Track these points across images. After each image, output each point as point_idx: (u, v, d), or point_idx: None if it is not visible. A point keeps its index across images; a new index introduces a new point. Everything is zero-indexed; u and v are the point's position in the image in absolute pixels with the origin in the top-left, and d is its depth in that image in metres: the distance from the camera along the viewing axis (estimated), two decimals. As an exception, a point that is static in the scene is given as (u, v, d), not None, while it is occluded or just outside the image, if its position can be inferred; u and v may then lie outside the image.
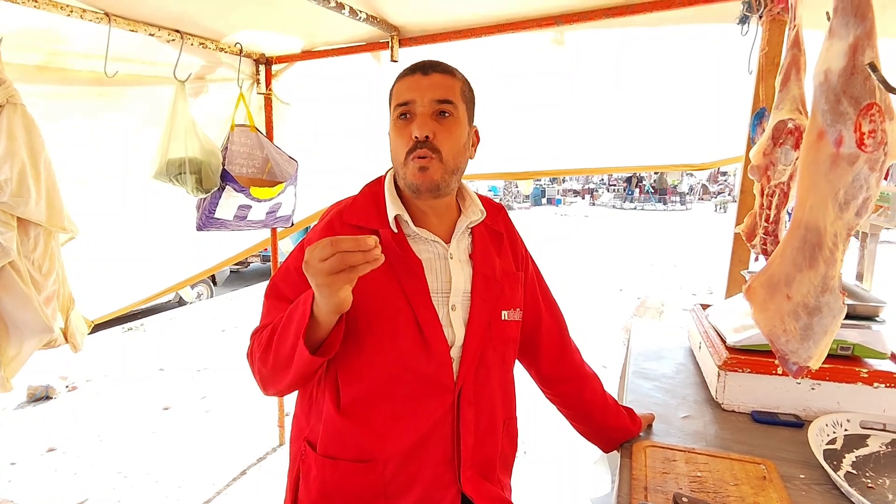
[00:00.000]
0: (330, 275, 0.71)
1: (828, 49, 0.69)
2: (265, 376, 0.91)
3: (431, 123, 0.89)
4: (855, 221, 0.71)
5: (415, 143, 0.89)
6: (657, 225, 15.14)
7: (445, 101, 0.90)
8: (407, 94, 0.91)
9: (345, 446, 0.93)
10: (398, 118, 0.92)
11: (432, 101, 0.90)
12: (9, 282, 1.53)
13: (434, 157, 0.89)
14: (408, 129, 0.90)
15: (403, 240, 0.94)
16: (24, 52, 1.68)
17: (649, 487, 0.94)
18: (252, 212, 2.30)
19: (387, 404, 0.92)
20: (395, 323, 0.90)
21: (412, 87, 0.91)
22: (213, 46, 2.10)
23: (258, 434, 3.14)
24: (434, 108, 0.90)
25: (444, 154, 0.90)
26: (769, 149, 1.10)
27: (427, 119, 0.89)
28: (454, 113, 0.91)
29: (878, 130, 0.67)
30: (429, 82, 0.90)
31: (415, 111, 0.90)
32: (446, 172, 0.91)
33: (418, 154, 0.89)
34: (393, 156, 0.95)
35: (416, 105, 0.90)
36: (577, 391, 1.16)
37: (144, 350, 4.81)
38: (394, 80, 0.96)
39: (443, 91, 0.90)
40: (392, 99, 0.95)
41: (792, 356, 0.80)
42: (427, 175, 0.89)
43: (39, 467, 2.83)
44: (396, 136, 0.92)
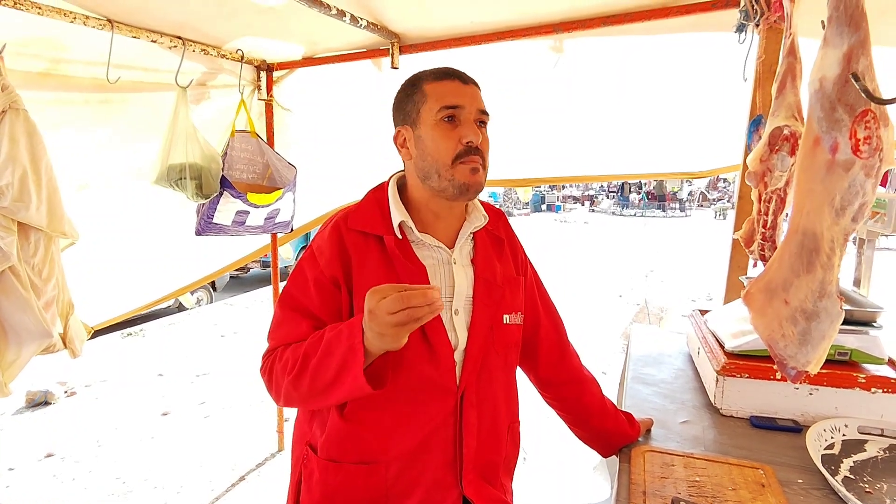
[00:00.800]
0: (397, 326, 0.74)
1: (822, 57, 0.70)
2: (292, 397, 0.90)
3: (478, 131, 0.93)
4: (851, 227, 0.72)
5: (466, 148, 0.92)
6: (657, 231, 15.16)
7: (485, 112, 0.96)
8: (454, 99, 0.93)
9: (347, 449, 0.93)
10: (443, 120, 0.93)
11: (477, 111, 0.94)
12: (8, 286, 1.53)
13: (481, 164, 0.94)
14: (455, 133, 0.92)
15: (408, 246, 0.95)
16: (28, 59, 1.70)
17: (648, 492, 0.94)
18: (250, 217, 2.30)
19: (390, 407, 0.93)
20: None
21: (458, 93, 0.93)
22: (214, 53, 2.12)
23: (257, 440, 3.14)
24: (477, 117, 0.94)
25: (485, 161, 0.96)
26: (766, 155, 1.11)
27: (475, 127, 0.93)
28: (487, 122, 0.98)
29: (874, 137, 0.68)
30: (471, 92, 0.95)
31: (460, 117, 0.93)
32: (485, 177, 0.96)
33: (472, 159, 0.92)
34: (435, 156, 0.93)
35: (463, 111, 0.93)
36: (576, 395, 1.16)
37: (144, 355, 4.80)
38: (421, 78, 0.97)
39: (482, 102, 0.96)
40: (428, 99, 0.94)
41: (790, 361, 0.80)
42: (478, 177, 0.93)
43: (38, 473, 2.82)
44: (443, 138, 0.92)
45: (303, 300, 0.95)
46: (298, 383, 0.87)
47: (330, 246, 0.94)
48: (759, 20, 1.53)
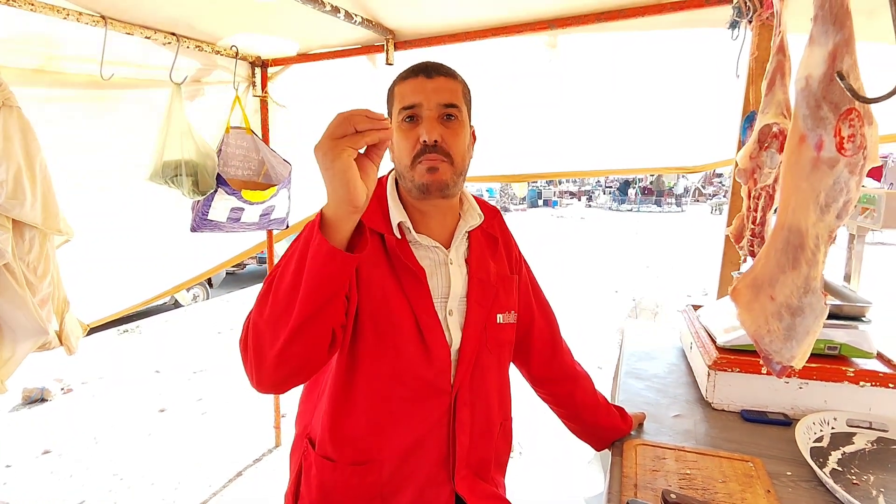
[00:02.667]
0: (334, 139, 0.68)
1: (808, 56, 0.71)
2: (261, 330, 0.74)
3: (439, 127, 0.89)
4: (836, 224, 0.73)
5: (423, 147, 0.89)
6: (653, 226, 15.19)
7: (451, 104, 0.90)
8: (412, 97, 0.90)
9: (342, 449, 0.94)
10: (403, 121, 0.91)
11: (438, 105, 0.89)
12: (3, 284, 1.53)
13: (445, 161, 0.90)
14: (414, 133, 0.89)
15: (406, 247, 0.94)
16: (21, 56, 1.69)
17: (639, 485, 0.95)
18: (245, 214, 2.30)
19: (385, 407, 0.93)
20: (397, 328, 0.91)
21: (417, 90, 0.90)
22: (209, 49, 2.11)
23: (254, 435, 3.14)
24: (440, 111, 0.90)
25: (453, 157, 0.91)
26: (755, 152, 1.12)
27: (434, 123, 0.89)
28: (459, 116, 0.92)
29: (858, 135, 0.69)
30: (434, 86, 0.90)
31: (421, 114, 0.90)
32: (455, 174, 0.92)
33: (427, 158, 0.89)
34: (396, 159, 0.94)
35: (422, 108, 0.89)
36: (568, 391, 1.17)
37: (140, 352, 4.80)
38: (393, 81, 0.95)
39: (448, 95, 0.90)
40: (394, 101, 0.94)
41: (776, 356, 0.82)
42: (437, 175, 0.89)
43: (35, 470, 2.82)
44: (402, 139, 0.91)
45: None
46: (264, 302, 0.74)
47: None
48: (751, 17, 1.54)
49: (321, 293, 0.71)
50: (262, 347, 0.74)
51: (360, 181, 0.69)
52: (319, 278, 0.70)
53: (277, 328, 0.72)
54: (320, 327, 0.74)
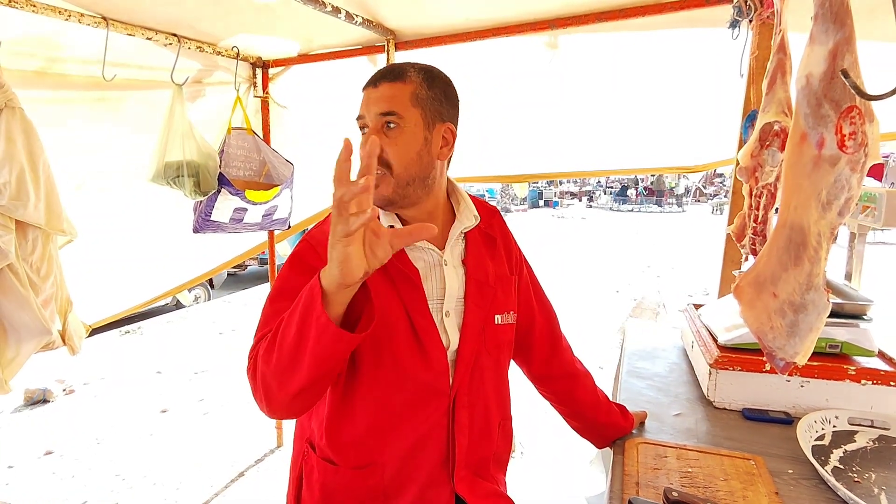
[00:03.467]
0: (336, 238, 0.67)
1: (809, 54, 0.71)
2: (268, 380, 0.79)
3: (367, 138, 0.86)
4: (838, 221, 0.73)
5: None
6: (654, 226, 15.19)
7: (388, 112, 0.88)
8: (361, 110, 0.91)
9: (343, 453, 0.94)
10: (362, 132, 0.92)
11: (377, 116, 0.88)
12: (7, 284, 1.54)
13: (386, 174, 0.88)
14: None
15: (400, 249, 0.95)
16: (23, 58, 1.70)
17: (641, 483, 0.95)
18: (248, 214, 2.31)
19: (385, 411, 0.93)
20: (392, 332, 0.91)
21: (364, 102, 0.91)
22: (210, 50, 2.12)
23: (256, 436, 3.15)
24: (380, 122, 0.88)
25: (393, 168, 0.88)
26: (756, 151, 1.12)
27: (371, 136, 0.86)
28: (400, 123, 0.89)
29: (859, 132, 0.69)
30: (376, 95, 0.89)
31: (367, 126, 0.90)
32: (399, 185, 0.89)
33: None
34: None
35: (366, 121, 0.90)
36: (568, 389, 1.17)
37: (142, 353, 4.81)
38: None
39: (386, 103, 0.88)
40: None
41: (779, 352, 0.82)
42: (377, 192, 0.88)
43: (37, 470, 2.83)
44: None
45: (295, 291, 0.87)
46: (269, 357, 0.77)
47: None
48: (752, 16, 1.54)
49: (326, 366, 0.74)
50: (271, 392, 0.79)
51: (355, 263, 0.68)
52: (325, 356, 0.72)
53: (283, 382, 0.76)
54: (325, 383, 0.80)
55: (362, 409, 0.92)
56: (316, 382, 0.76)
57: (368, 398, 0.92)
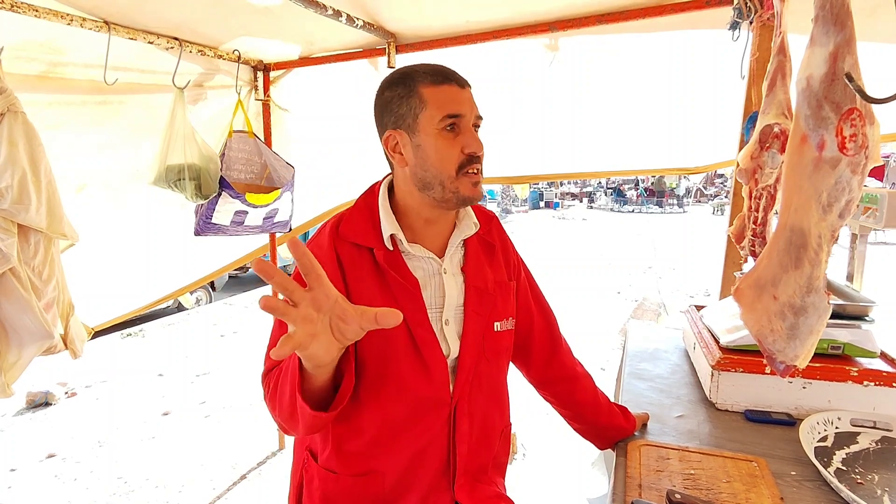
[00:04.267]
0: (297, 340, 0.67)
1: (809, 56, 0.71)
2: (278, 420, 0.86)
3: (479, 139, 0.92)
4: (838, 223, 0.73)
5: (468, 158, 0.90)
6: (655, 227, 15.18)
7: (481, 116, 0.94)
8: (457, 107, 0.89)
9: (345, 462, 0.94)
10: (446, 129, 0.89)
11: (475, 117, 0.92)
12: (9, 288, 1.54)
13: (481, 172, 0.93)
14: (457, 142, 0.89)
15: (399, 258, 0.93)
16: (25, 62, 1.70)
17: (643, 485, 0.95)
18: (249, 217, 2.31)
19: (387, 422, 0.92)
20: (393, 345, 0.90)
21: (458, 100, 0.90)
22: (211, 54, 2.12)
23: (258, 438, 3.15)
24: (475, 122, 0.92)
25: (483, 170, 0.94)
26: (756, 152, 1.12)
27: (475, 135, 0.92)
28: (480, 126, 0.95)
29: (859, 134, 0.69)
30: (468, 97, 0.92)
31: (460, 125, 0.90)
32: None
33: (475, 168, 0.91)
34: (437, 166, 0.90)
35: (464, 119, 0.90)
36: (569, 391, 1.17)
37: (144, 356, 4.81)
38: (416, 81, 0.90)
39: (477, 106, 0.93)
40: (431, 106, 0.89)
41: (779, 355, 0.82)
42: (479, 189, 0.93)
43: (39, 473, 2.83)
44: (446, 148, 0.89)
45: None
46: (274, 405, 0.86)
47: (326, 258, 0.91)
48: (752, 18, 1.54)
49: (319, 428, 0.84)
50: (284, 426, 0.86)
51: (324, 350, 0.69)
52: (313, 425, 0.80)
53: (291, 428, 0.84)
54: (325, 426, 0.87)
55: (364, 420, 0.92)
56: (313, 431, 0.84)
57: (370, 410, 0.92)
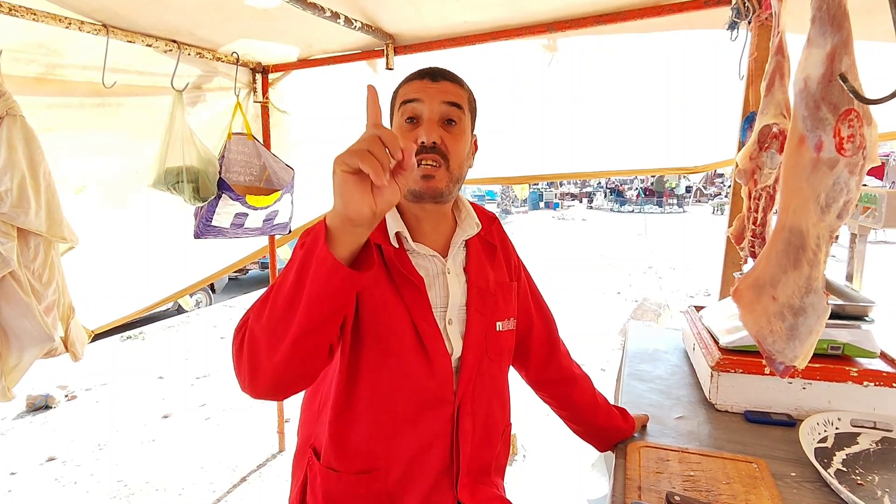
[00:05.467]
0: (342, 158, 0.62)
1: (807, 57, 0.71)
2: (257, 340, 0.72)
3: (438, 129, 0.88)
4: (837, 224, 0.73)
5: (420, 147, 0.87)
6: (655, 227, 15.18)
7: (454, 104, 0.89)
8: (412, 93, 0.89)
9: (348, 458, 0.94)
10: (404, 121, 0.89)
11: (441, 104, 0.88)
12: (9, 291, 1.54)
13: (441, 165, 0.88)
14: (413, 134, 0.88)
15: (405, 256, 0.93)
16: (24, 65, 1.70)
17: (643, 487, 0.95)
18: (249, 219, 2.31)
19: (389, 417, 0.93)
20: (398, 338, 0.91)
21: (420, 90, 0.89)
22: (210, 56, 2.13)
23: (258, 441, 3.15)
24: (442, 112, 0.88)
25: (451, 162, 0.88)
26: (755, 153, 1.12)
27: (434, 125, 0.88)
28: (460, 121, 0.90)
29: (857, 135, 0.69)
30: (437, 88, 0.89)
31: (422, 115, 0.88)
32: (451, 181, 0.90)
33: (424, 159, 0.86)
34: None
35: (423, 108, 0.88)
36: (566, 393, 1.17)
37: (144, 358, 4.81)
38: (398, 85, 0.94)
39: (452, 96, 0.89)
40: (396, 101, 0.92)
41: (779, 356, 0.82)
42: (432, 184, 0.88)
43: (40, 477, 2.83)
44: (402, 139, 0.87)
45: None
46: (262, 312, 0.72)
47: None
48: (750, 18, 1.54)
49: (322, 309, 0.68)
50: (258, 355, 0.72)
51: (359, 197, 0.63)
52: (322, 293, 0.66)
53: (274, 339, 0.70)
54: (318, 342, 0.72)
55: (366, 413, 0.92)
56: (308, 334, 0.68)
57: (372, 403, 0.92)
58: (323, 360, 0.76)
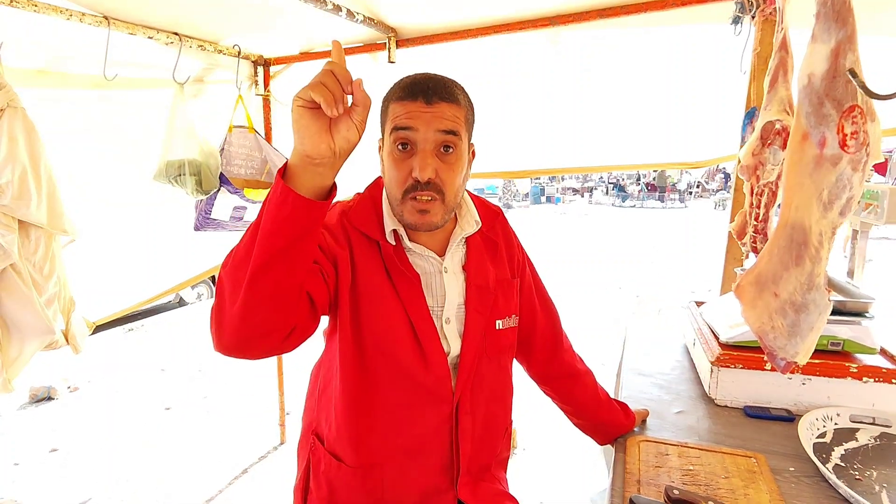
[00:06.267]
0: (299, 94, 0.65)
1: (811, 53, 0.71)
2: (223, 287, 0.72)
3: (434, 161, 0.83)
4: (839, 220, 0.73)
5: (414, 183, 0.83)
6: (656, 222, 15.17)
7: (450, 132, 0.83)
8: (406, 120, 0.83)
9: (347, 449, 0.94)
10: (396, 146, 0.84)
11: (436, 133, 0.82)
12: (10, 284, 1.55)
13: (437, 199, 0.85)
14: (407, 165, 0.83)
15: (402, 253, 0.93)
16: (24, 57, 1.70)
17: (642, 481, 0.96)
18: (248, 213, 2.31)
19: (385, 411, 0.93)
20: (394, 334, 0.91)
21: (414, 115, 0.82)
22: (211, 49, 2.12)
23: (259, 433, 3.16)
24: (437, 141, 0.83)
25: (446, 195, 0.85)
26: (758, 149, 1.12)
27: (429, 157, 0.83)
28: (457, 147, 0.85)
29: (861, 132, 0.69)
30: (432, 113, 0.82)
31: (415, 143, 0.83)
32: (447, 212, 0.87)
33: (420, 195, 0.84)
34: (388, 186, 0.89)
35: (417, 136, 0.83)
36: (569, 387, 1.18)
37: (145, 351, 4.82)
38: (389, 93, 0.88)
39: (448, 122, 0.83)
40: (388, 119, 0.86)
41: (780, 352, 0.82)
42: (427, 218, 0.85)
43: (43, 468, 2.84)
44: (393, 168, 0.85)
45: None
46: (229, 258, 0.73)
47: (338, 235, 0.90)
48: (754, 13, 1.53)
49: (277, 240, 0.67)
50: (223, 303, 0.72)
51: (315, 133, 0.65)
52: (275, 222, 0.67)
53: (237, 278, 0.69)
54: (278, 279, 0.70)
55: (364, 406, 0.93)
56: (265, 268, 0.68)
57: (372, 396, 0.93)
58: (289, 308, 0.74)
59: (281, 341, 0.76)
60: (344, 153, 0.68)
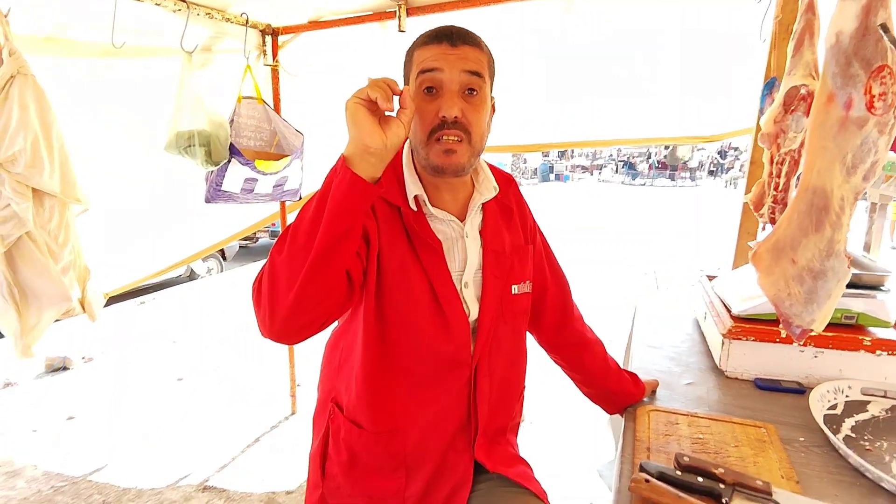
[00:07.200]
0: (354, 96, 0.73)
1: (840, 10, 0.68)
2: (277, 273, 0.74)
3: (460, 101, 0.84)
4: (862, 185, 0.71)
5: (441, 122, 0.84)
6: (667, 200, 15.01)
7: (476, 73, 0.85)
8: (431, 62, 0.84)
9: (368, 416, 0.95)
10: (423, 90, 0.85)
11: (462, 73, 0.84)
12: (27, 252, 1.56)
13: (463, 140, 0.85)
14: (434, 105, 0.84)
15: (423, 219, 0.93)
16: (32, 23, 1.68)
17: (652, 448, 0.96)
18: (259, 185, 2.31)
19: (408, 378, 0.94)
20: (416, 301, 0.91)
21: (439, 57, 0.84)
22: (219, 17, 2.09)
23: (271, 404, 3.22)
24: (463, 82, 0.84)
25: (472, 136, 0.86)
26: (780, 116, 1.09)
27: (456, 97, 0.84)
28: (481, 89, 0.86)
29: (889, 93, 0.67)
30: (457, 54, 0.84)
31: (442, 86, 0.84)
32: (472, 154, 0.88)
33: (446, 134, 0.84)
34: (415, 130, 0.89)
35: (443, 78, 0.84)
36: (578, 356, 1.18)
37: (158, 323, 4.90)
38: (413, 44, 0.90)
39: (473, 63, 0.85)
40: (412, 65, 0.88)
41: (796, 319, 0.81)
42: (454, 159, 0.86)
43: (60, 434, 2.92)
44: (421, 110, 0.86)
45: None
46: (282, 245, 0.75)
47: None
48: (777, -23, 1.48)
49: (342, 221, 0.72)
50: (277, 288, 0.74)
51: (370, 126, 0.72)
52: (343, 204, 0.72)
53: (295, 264, 0.73)
54: (336, 264, 0.74)
55: (386, 375, 0.94)
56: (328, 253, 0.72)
57: (394, 365, 0.94)
58: (340, 294, 0.80)
59: (323, 324, 0.80)
60: (393, 147, 0.74)
